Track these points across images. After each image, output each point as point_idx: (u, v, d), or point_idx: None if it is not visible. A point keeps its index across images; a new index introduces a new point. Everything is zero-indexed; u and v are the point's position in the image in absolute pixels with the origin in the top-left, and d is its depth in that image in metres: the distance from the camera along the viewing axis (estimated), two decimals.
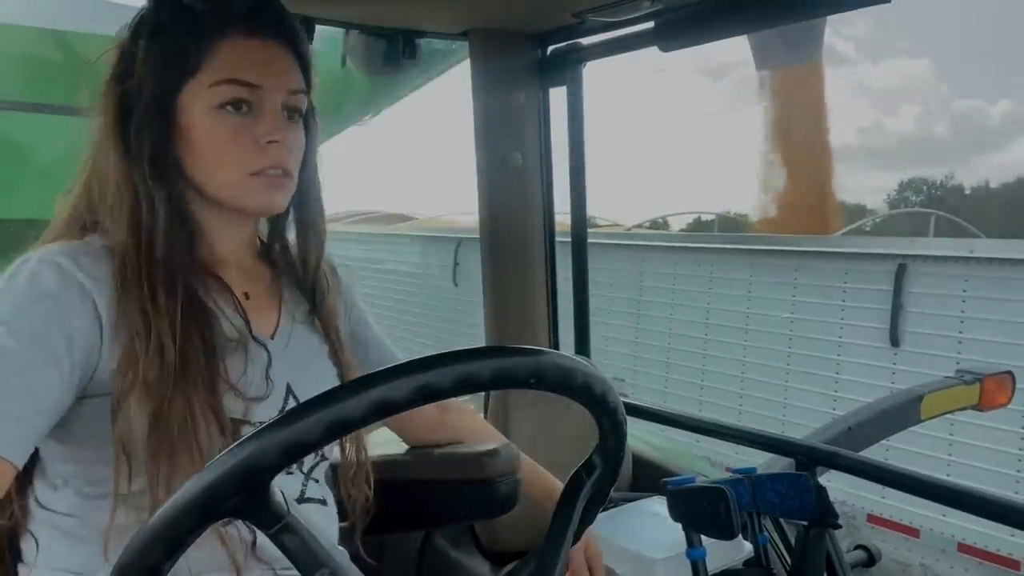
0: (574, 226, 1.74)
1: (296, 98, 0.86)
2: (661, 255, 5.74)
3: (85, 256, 0.80)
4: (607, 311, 5.92)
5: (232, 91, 0.81)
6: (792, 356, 4.76)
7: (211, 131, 0.81)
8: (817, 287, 4.65)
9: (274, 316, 0.94)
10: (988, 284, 3.89)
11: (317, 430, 0.48)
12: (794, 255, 4.81)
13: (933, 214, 7.49)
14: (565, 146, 1.66)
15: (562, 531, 0.66)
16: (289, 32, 0.86)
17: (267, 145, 0.82)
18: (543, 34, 1.56)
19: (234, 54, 0.82)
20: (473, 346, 0.54)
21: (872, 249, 4.47)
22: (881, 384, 4.18)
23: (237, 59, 0.82)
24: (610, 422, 0.61)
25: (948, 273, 4.05)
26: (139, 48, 0.82)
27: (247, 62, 0.82)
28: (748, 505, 1.05)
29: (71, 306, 0.76)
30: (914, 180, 51.41)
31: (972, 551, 3.85)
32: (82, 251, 0.80)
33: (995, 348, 3.76)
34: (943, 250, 4.18)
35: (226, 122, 0.81)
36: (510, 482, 1.05)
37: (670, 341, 5.61)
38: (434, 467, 1.10)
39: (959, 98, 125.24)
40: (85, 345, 0.76)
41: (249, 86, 0.82)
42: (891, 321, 4.22)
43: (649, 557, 1.17)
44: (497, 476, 1.03)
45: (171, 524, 0.48)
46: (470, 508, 1.11)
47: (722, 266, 5.27)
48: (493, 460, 1.03)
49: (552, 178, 1.68)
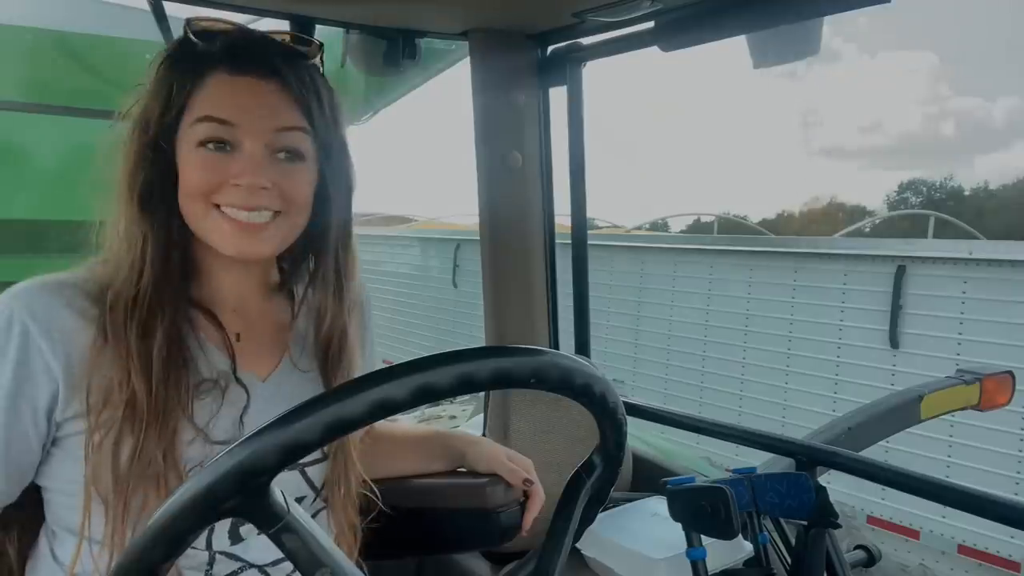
0: (574, 227, 1.74)
1: (287, 137, 0.81)
2: (661, 256, 5.74)
3: (68, 292, 0.79)
4: (607, 312, 5.93)
5: (208, 129, 0.78)
6: (791, 357, 4.77)
7: (191, 168, 0.79)
8: (816, 288, 4.66)
9: (274, 359, 0.90)
10: (987, 285, 3.90)
11: (317, 430, 0.48)
12: (793, 256, 4.81)
13: (932, 215, 7.47)
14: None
15: (562, 531, 0.66)
16: (280, 69, 0.81)
17: (234, 187, 0.79)
18: (543, 34, 1.56)
19: (216, 91, 0.80)
20: (473, 346, 0.54)
21: (871, 251, 4.47)
22: (880, 385, 4.18)
23: (217, 96, 0.79)
24: (610, 422, 0.61)
25: (947, 275, 4.06)
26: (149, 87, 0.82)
27: (226, 99, 0.79)
28: (748, 505, 1.05)
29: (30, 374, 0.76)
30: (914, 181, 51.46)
31: (972, 552, 3.85)
32: (67, 286, 0.80)
33: (995, 349, 3.76)
34: (942, 251, 4.18)
35: (204, 160, 0.79)
36: (512, 512, 1.05)
37: (670, 342, 5.61)
38: (436, 495, 1.09)
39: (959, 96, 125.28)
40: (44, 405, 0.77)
41: (225, 124, 0.78)
42: (890, 322, 4.22)
43: (649, 557, 1.17)
44: (499, 505, 1.03)
45: (171, 524, 0.48)
46: (472, 536, 1.10)
47: (722, 267, 5.27)
48: (495, 489, 1.03)
49: (552, 178, 1.68)
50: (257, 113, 0.79)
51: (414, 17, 1.48)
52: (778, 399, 4.83)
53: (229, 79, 0.80)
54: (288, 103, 0.81)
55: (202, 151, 0.79)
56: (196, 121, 0.79)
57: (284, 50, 0.83)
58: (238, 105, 0.79)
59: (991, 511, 1.00)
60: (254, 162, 0.79)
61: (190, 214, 0.81)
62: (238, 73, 0.80)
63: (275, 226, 0.82)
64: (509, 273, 1.66)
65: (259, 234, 0.80)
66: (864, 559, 1.20)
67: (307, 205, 0.84)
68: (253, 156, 0.79)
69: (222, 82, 0.80)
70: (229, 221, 0.79)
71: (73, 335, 0.77)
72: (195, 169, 0.79)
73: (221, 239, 0.80)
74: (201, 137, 0.79)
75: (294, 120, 0.81)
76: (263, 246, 0.82)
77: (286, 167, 0.81)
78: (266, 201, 0.80)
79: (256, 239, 0.80)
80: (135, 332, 0.77)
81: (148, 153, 0.80)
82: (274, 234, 0.82)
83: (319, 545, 0.51)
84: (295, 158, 0.82)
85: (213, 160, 0.79)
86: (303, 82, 0.82)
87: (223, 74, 0.80)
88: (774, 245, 5.28)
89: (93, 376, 0.77)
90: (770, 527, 1.16)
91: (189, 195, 0.80)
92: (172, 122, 0.80)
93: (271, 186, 0.80)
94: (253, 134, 0.79)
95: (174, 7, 1.39)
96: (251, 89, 0.80)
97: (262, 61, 0.81)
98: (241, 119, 0.79)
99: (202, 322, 0.85)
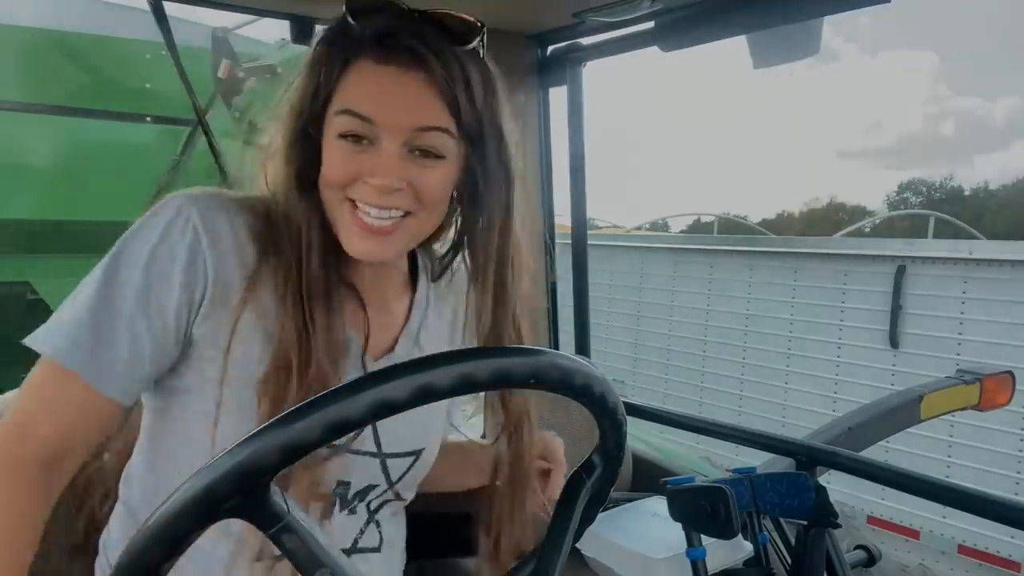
0: (574, 227, 1.74)
1: (427, 137, 0.76)
2: (661, 256, 5.74)
3: (243, 212, 0.80)
4: (607, 312, 5.93)
5: (347, 123, 0.75)
6: (791, 357, 4.77)
7: (329, 159, 0.77)
8: (816, 288, 4.66)
9: (392, 336, 0.90)
10: (987, 285, 3.90)
11: (317, 430, 0.48)
12: (793, 256, 4.81)
13: (932, 215, 7.47)
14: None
15: (562, 531, 0.66)
16: (428, 61, 0.75)
17: (367, 185, 0.76)
18: (543, 34, 1.56)
19: (358, 82, 0.76)
20: (473, 346, 0.54)
21: (871, 251, 4.48)
22: (880, 385, 4.19)
23: (359, 88, 0.76)
24: (610, 422, 0.61)
25: (947, 274, 4.06)
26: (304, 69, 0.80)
27: (367, 92, 0.75)
28: (748, 505, 1.05)
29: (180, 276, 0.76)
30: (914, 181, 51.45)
31: (972, 552, 3.85)
32: (238, 203, 0.80)
33: (995, 349, 3.77)
34: (942, 251, 4.18)
35: (342, 153, 0.76)
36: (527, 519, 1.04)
37: (670, 342, 5.61)
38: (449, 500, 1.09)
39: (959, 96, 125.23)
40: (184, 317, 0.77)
41: (362, 119, 0.75)
42: (890, 322, 4.22)
43: (649, 557, 1.17)
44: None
45: (171, 524, 0.48)
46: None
47: (722, 267, 5.27)
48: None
49: (552, 178, 1.68)
50: (397, 109, 0.75)
51: None
52: (778, 399, 4.83)
53: (373, 68, 0.75)
54: (431, 98, 0.76)
55: (341, 143, 0.76)
56: (338, 112, 0.76)
57: (437, 34, 0.77)
58: (379, 99, 0.75)
59: (991, 511, 1.00)
60: (389, 162, 0.75)
61: (327, 202, 0.79)
62: (383, 62, 0.75)
63: (402, 228, 0.79)
64: None
65: (384, 238, 0.78)
66: (864, 559, 1.20)
67: (440, 204, 0.81)
68: (389, 155, 0.75)
69: (366, 71, 0.76)
70: (358, 220, 0.77)
71: (235, 255, 0.78)
72: (333, 161, 0.77)
73: (348, 238, 0.78)
74: (341, 130, 0.76)
75: (436, 118, 0.76)
76: (386, 250, 0.79)
77: (423, 165, 0.77)
78: (397, 201, 0.77)
79: (380, 243, 0.78)
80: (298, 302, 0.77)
81: (299, 140, 0.79)
82: (399, 237, 0.79)
83: (319, 545, 0.51)
84: (434, 156, 0.77)
85: (350, 154, 0.76)
86: (451, 73, 0.76)
87: (368, 62, 0.76)
88: (774, 245, 5.28)
89: (243, 313, 0.77)
90: (770, 527, 1.16)
91: (327, 185, 0.78)
92: (320, 110, 0.78)
93: (405, 187, 0.77)
94: (391, 131, 0.75)
95: (174, 7, 1.40)
96: (394, 81, 0.75)
97: (408, 48, 0.75)
98: (380, 114, 0.75)
99: (346, 301, 0.84)
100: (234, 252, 0.78)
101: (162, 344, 0.77)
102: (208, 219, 0.77)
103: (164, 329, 0.76)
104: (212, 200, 0.79)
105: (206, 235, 0.76)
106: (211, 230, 0.77)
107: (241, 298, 0.77)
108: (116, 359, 0.75)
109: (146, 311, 0.75)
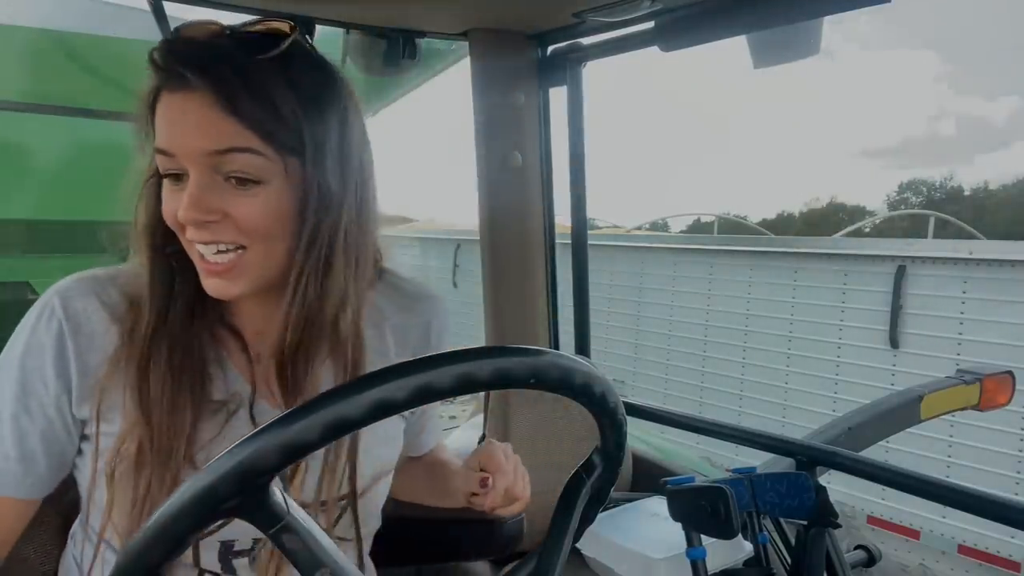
0: (574, 227, 1.74)
1: (233, 160, 0.68)
2: (661, 256, 5.74)
3: (108, 289, 0.78)
4: (607, 312, 5.93)
5: (160, 161, 0.71)
6: (791, 357, 4.77)
7: (163, 203, 0.74)
8: (816, 288, 4.66)
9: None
10: (987, 285, 3.90)
11: (317, 430, 0.48)
12: (793, 256, 4.81)
13: (932, 215, 7.47)
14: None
15: (562, 531, 0.66)
16: (210, 81, 0.67)
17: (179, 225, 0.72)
18: (543, 34, 1.56)
19: (160, 116, 0.70)
20: (473, 346, 0.54)
21: (871, 250, 4.47)
22: (880, 385, 4.19)
23: (160, 122, 0.70)
24: (610, 422, 0.61)
25: (947, 274, 4.05)
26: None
27: (163, 125, 0.70)
28: (748, 505, 1.05)
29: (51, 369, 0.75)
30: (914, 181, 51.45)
31: (972, 552, 3.85)
32: (104, 281, 0.78)
33: (995, 349, 3.76)
34: (942, 251, 4.18)
35: (166, 193, 0.73)
36: (516, 522, 1.04)
37: (670, 342, 5.61)
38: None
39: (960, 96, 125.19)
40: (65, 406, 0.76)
41: (165, 154, 0.70)
42: (890, 322, 4.22)
43: (649, 557, 1.17)
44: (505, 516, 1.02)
45: (171, 524, 0.48)
46: (476, 546, 1.10)
47: (722, 267, 5.27)
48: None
49: (552, 178, 1.68)
50: (188, 136, 0.68)
51: (414, 17, 1.48)
52: (778, 399, 4.83)
53: (168, 98, 0.69)
54: (221, 118, 0.67)
55: (166, 183, 0.72)
56: (155, 152, 0.72)
57: (231, 49, 0.69)
58: (171, 130, 0.69)
59: (991, 511, 1.00)
60: (193, 192, 0.68)
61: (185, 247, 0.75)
62: (173, 89, 0.69)
63: (241, 265, 0.72)
64: (509, 273, 1.66)
65: (225, 275, 0.72)
66: (864, 559, 1.20)
67: (270, 232, 0.72)
68: (194, 185, 0.69)
69: (163, 103, 0.70)
70: (201, 260, 0.73)
71: (98, 338, 0.76)
72: (164, 203, 0.73)
73: (202, 279, 0.74)
74: (160, 169, 0.72)
75: (233, 139, 0.68)
76: (231, 288, 0.73)
77: (240, 192, 0.70)
78: (219, 235, 0.70)
79: (224, 280, 0.73)
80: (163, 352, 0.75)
81: (150, 186, 0.76)
82: (240, 274, 0.72)
83: (319, 545, 0.51)
84: (247, 182, 0.69)
85: (171, 193, 0.71)
86: (247, 87, 0.68)
87: (165, 92, 0.70)
88: (774, 245, 5.28)
89: (104, 393, 0.76)
90: (770, 527, 1.16)
91: (172, 229, 0.74)
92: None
93: (219, 218, 0.70)
94: (189, 160, 0.68)
95: (174, 7, 1.39)
96: (182, 108, 0.68)
97: (191, 69, 0.67)
98: (174, 145, 0.69)
99: (228, 343, 0.81)
100: (100, 334, 0.76)
101: (53, 438, 0.77)
102: (70, 308, 0.75)
103: (49, 423, 0.76)
104: (80, 286, 0.77)
105: (68, 323, 0.75)
106: (72, 318, 0.75)
107: (105, 377, 0.76)
108: (7, 459, 0.76)
109: (27, 408, 0.75)
